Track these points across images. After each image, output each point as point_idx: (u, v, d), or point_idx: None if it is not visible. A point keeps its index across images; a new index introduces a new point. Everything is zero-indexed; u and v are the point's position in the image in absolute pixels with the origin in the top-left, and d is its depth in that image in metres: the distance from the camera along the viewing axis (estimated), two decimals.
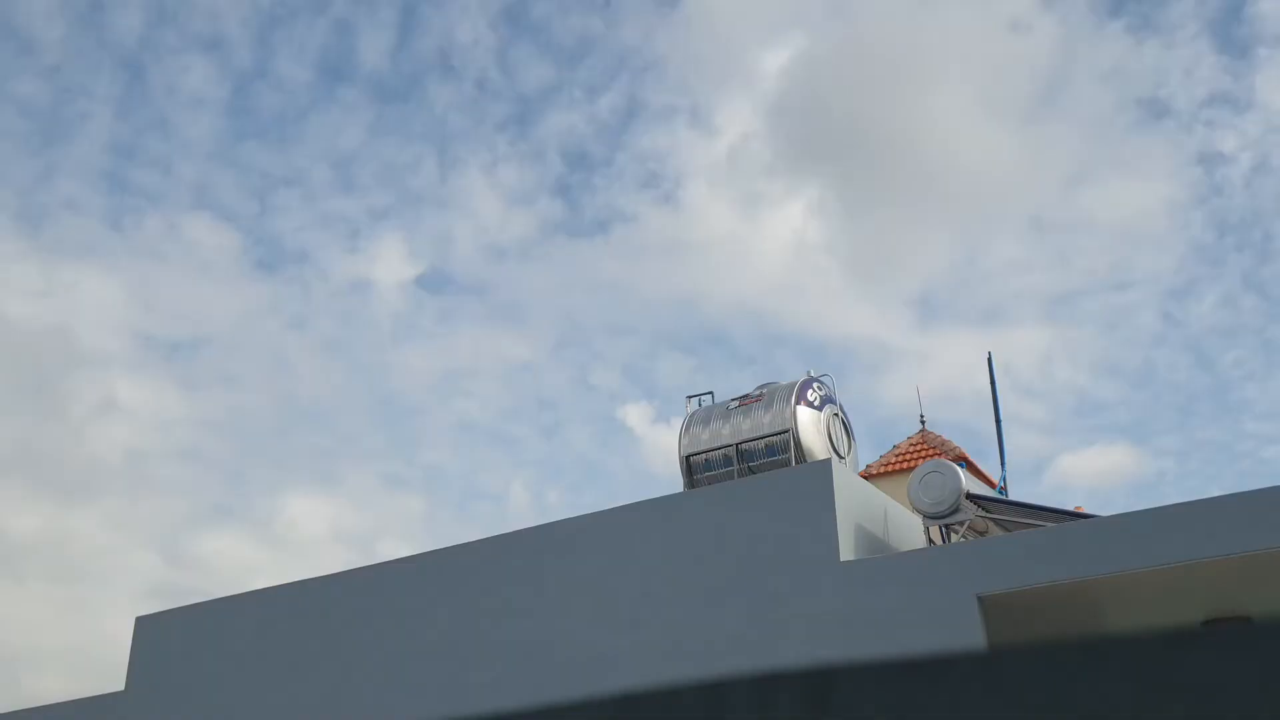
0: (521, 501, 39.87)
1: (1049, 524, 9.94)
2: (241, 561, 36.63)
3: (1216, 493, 8.52)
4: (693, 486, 12.14)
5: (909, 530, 10.96)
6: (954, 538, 10.60)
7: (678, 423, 12.67)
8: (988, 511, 10.88)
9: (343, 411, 40.56)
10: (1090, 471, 36.38)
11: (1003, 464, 15.11)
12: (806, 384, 12.27)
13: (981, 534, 10.78)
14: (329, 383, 39.93)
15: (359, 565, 12.60)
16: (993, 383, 15.85)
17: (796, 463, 11.51)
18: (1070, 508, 11.30)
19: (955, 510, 10.48)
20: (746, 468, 11.96)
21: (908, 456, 15.77)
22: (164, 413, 38.34)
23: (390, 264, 39.00)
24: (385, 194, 38.51)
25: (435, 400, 40.93)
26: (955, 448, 15.82)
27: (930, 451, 15.53)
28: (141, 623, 13.91)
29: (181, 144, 36.05)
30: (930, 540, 10.96)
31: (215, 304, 37.09)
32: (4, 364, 35.75)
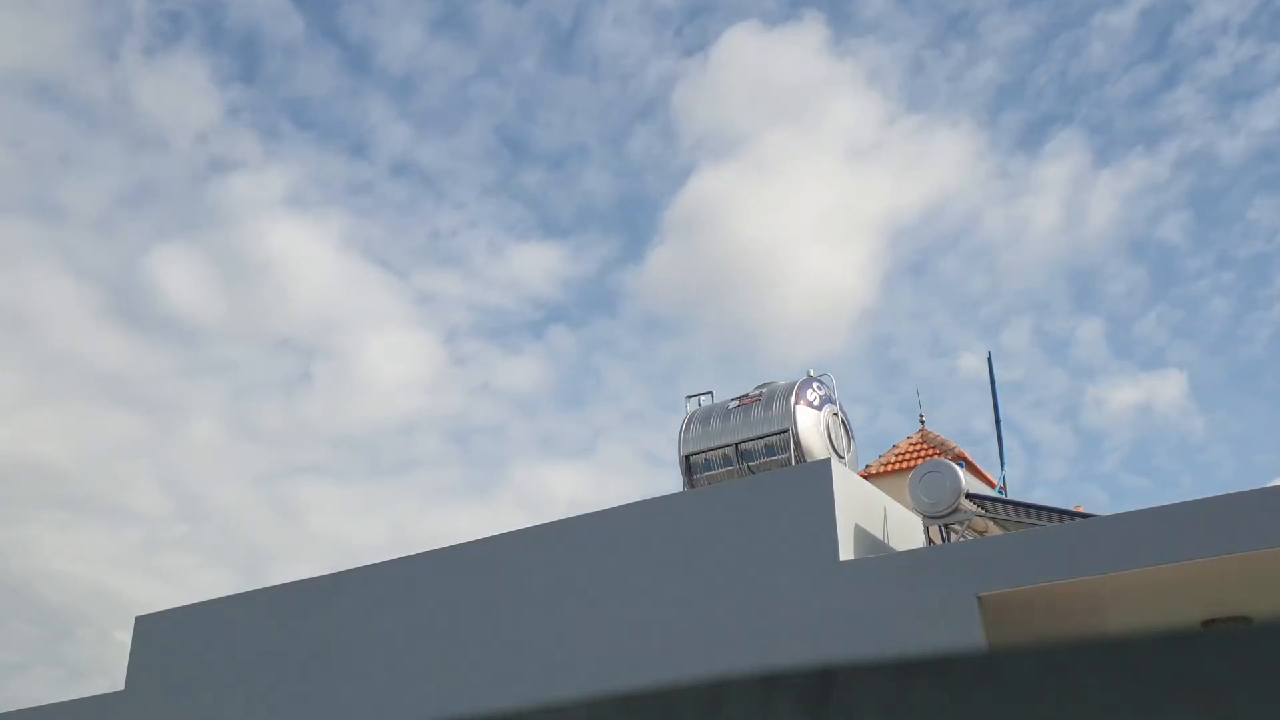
0: None
1: (1049, 524, 9.93)
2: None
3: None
4: (692, 486, 12.14)
5: (909, 530, 10.96)
6: (954, 538, 10.60)
7: None
8: (988, 511, 10.88)
9: None
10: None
11: (1002, 464, 15.11)
12: (806, 384, 12.27)
13: (981, 534, 10.78)
14: None
15: (359, 565, 12.60)
16: (992, 383, 15.85)
17: (796, 463, 11.51)
18: (1070, 507, 11.29)
19: (955, 510, 10.47)
20: (746, 468, 11.95)
21: (908, 456, 15.77)
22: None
23: None
24: None
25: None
26: (955, 447, 15.82)
27: (930, 451, 15.52)
28: (141, 623, 13.91)
29: None
30: (930, 540, 10.96)
31: None
32: None
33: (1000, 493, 14.43)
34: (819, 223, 39.24)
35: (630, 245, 42.43)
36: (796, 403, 11.96)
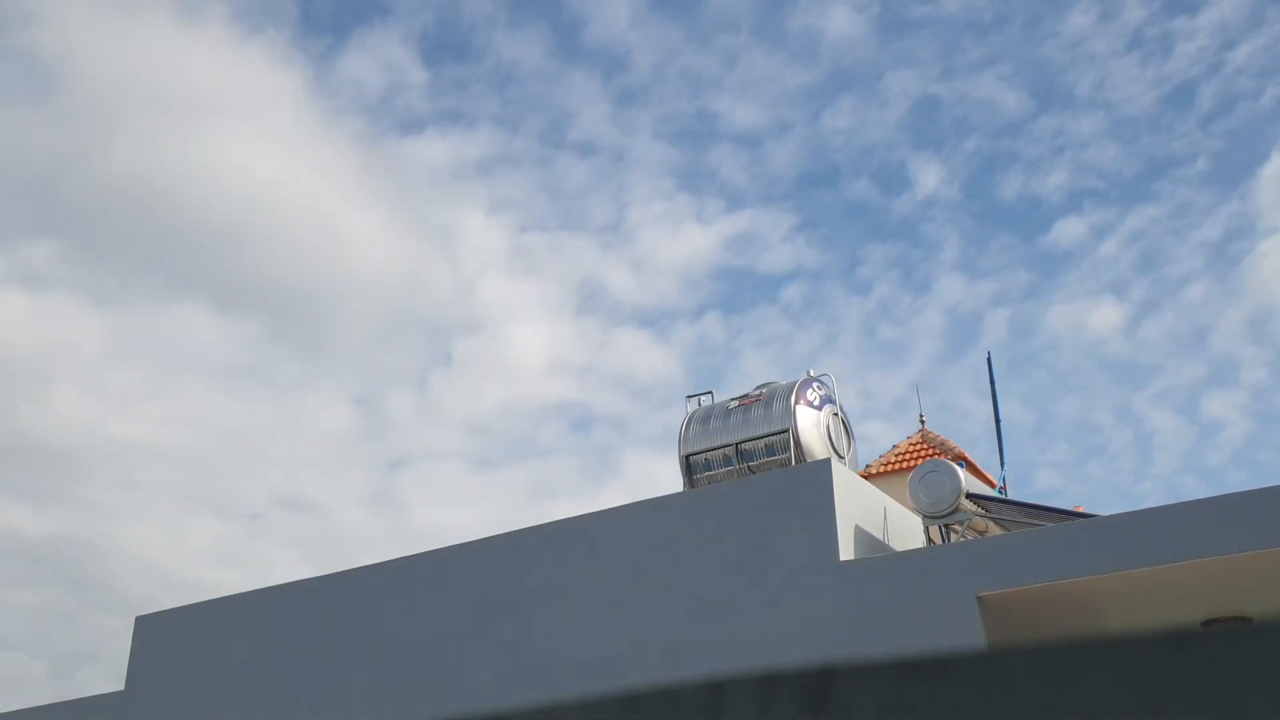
0: None
1: (1049, 524, 9.93)
2: None
3: None
4: (692, 486, 12.14)
5: (909, 530, 10.96)
6: (954, 538, 10.60)
7: None
8: (988, 511, 10.88)
9: None
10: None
11: (1002, 464, 15.11)
12: (806, 384, 12.27)
13: (981, 534, 10.78)
14: None
15: (358, 565, 12.60)
16: (992, 383, 15.85)
17: (796, 462, 11.51)
18: (1070, 507, 11.30)
19: (955, 510, 10.48)
20: (746, 468, 11.95)
21: (908, 456, 15.77)
22: None
23: None
24: None
25: None
26: (955, 447, 15.82)
27: (930, 451, 15.52)
28: (141, 623, 13.91)
29: None
30: (930, 540, 10.96)
31: None
32: None
33: (1000, 493, 14.43)
34: None
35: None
36: (796, 403, 11.96)
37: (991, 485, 14.94)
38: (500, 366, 41.27)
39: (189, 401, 38.74)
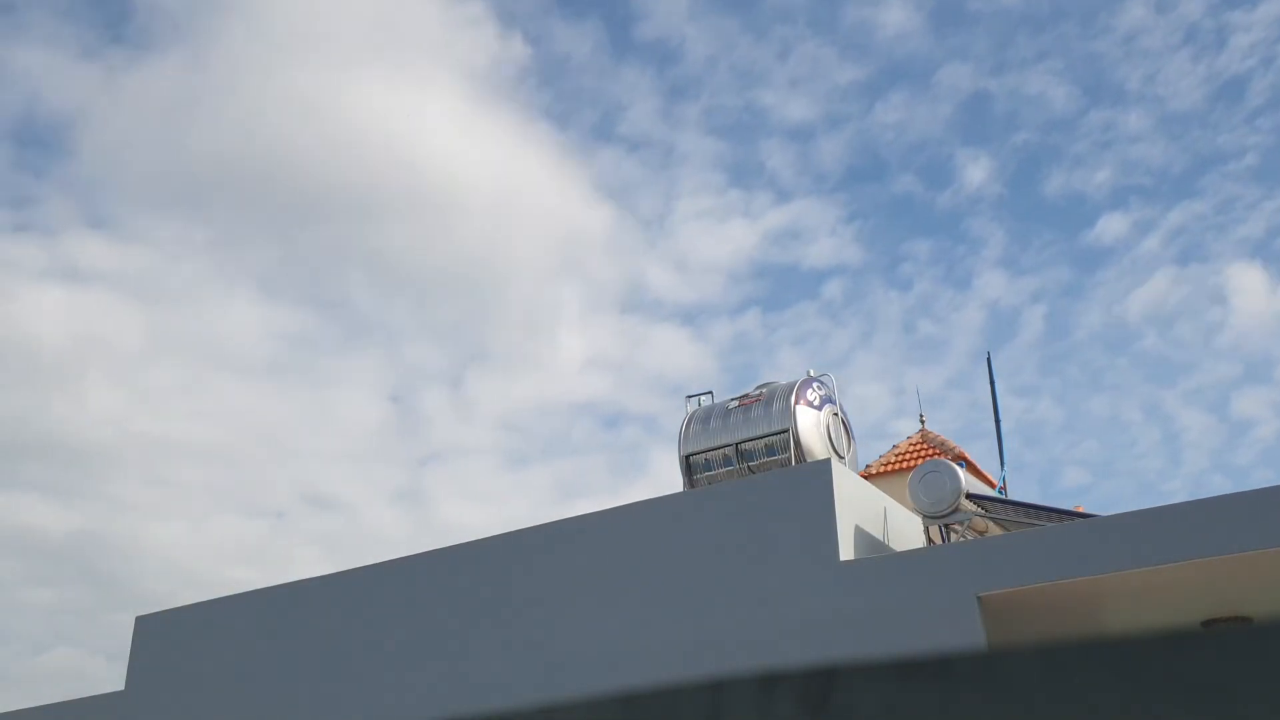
0: None
1: (1049, 524, 9.93)
2: None
3: None
4: (692, 486, 12.14)
5: (909, 530, 10.96)
6: (954, 538, 10.60)
7: None
8: (988, 511, 10.88)
9: None
10: None
11: (1002, 464, 15.11)
12: (806, 384, 12.27)
13: (981, 534, 10.78)
14: None
15: (358, 566, 12.61)
16: (992, 383, 15.85)
17: (796, 462, 11.51)
18: (1070, 507, 11.30)
19: (955, 510, 10.48)
20: (746, 468, 11.95)
21: (908, 456, 15.77)
22: None
23: None
24: None
25: None
26: (955, 447, 15.83)
27: (930, 451, 15.52)
28: (141, 623, 13.91)
29: None
30: (930, 540, 10.96)
31: None
32: None
33: (1000, 493, 14.43)
34: None
35: None
36: (796, 403, 11.96)
37: (991, 485, 14.94)
38: (537, 363, 41.13)
39: (222, 396, 38.68)
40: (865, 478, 13.24)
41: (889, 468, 15.69)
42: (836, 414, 12.40)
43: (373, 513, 41.04)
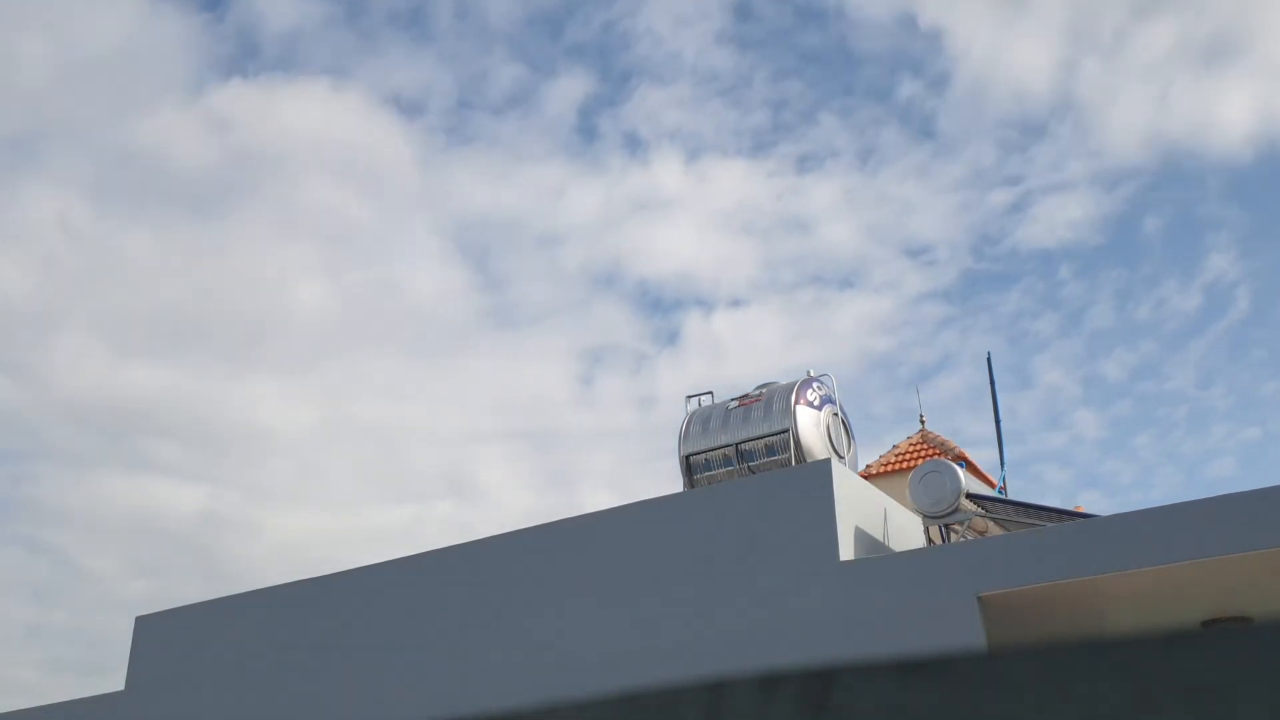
0: None
1: (1049, 524, 9.93)
2: None
3: None
4: (692, 486, 12.14)
5: (909, 530, 10.96)
6: (954, 538, 10.60)
7: None
8: (988, 511, 10.88)
9: None
10: None
11: (1002, 464, 15.11)
12: (806, 384, 12.27)
13: (981, 534, 10.78)
14: None
15: (358, 566, 12.61)
16: (992, 383, 15.85)
17: (796, 463, 11.51)
18: (1070, 507, 11.30)
19: (955, 510, 10.48)
20: (746, 468, 11.95)
21: (908, 456, 15.77)
22: None
23: None
24: None
25: None
26: (955, 447, 15.83)
27: (930, 451, 15.52)
28: (141, 623, 13.91)
29: None
30: (930, 540, 10.96)
31: None
32: None
33: (1000, 493, 14.43)
34: None
35: None
36: (796, 403, 11.96)
37: (991, 485, 14.94)
38: (702, 350, 40.73)
39: (375, 374, 38.08)
40: (865, 478, 13.24)
41: (889, 468, 15.69)
42: (836, 414, 12.40)
43: (512, 499, 40.56)
